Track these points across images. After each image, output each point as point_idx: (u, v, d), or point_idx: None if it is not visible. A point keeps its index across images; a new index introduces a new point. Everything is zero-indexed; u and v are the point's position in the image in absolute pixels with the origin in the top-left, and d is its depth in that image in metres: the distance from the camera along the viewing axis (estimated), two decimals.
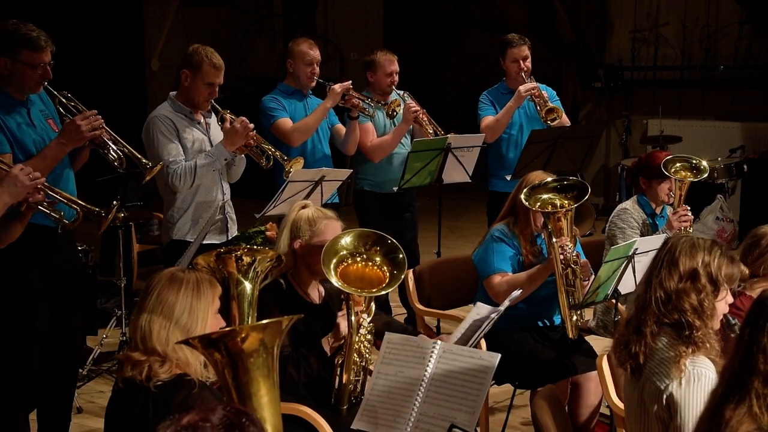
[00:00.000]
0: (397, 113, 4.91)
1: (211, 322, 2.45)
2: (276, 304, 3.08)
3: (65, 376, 3.82)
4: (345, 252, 3.05)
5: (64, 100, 3.60)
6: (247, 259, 2.91)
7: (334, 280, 2.97)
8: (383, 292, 3.07)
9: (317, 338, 3.06)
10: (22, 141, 3.43)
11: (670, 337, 2.58)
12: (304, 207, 3.28)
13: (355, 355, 3.01)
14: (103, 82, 8.49)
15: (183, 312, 2.41)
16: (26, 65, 3.38)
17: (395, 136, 5.04)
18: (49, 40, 3.43)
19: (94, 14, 8.45)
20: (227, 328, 2.43)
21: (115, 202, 3.38)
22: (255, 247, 3.10)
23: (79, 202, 3.33)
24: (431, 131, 5.03)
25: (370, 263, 3.08)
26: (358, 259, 3.07)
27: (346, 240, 3.08)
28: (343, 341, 3.03)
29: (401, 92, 5.07)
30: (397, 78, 5.11)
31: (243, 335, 2.07)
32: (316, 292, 3.29)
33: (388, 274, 3.06)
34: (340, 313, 3.05)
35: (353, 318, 3.00)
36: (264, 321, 2.13)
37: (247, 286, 2.91)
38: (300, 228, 3.19)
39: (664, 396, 2.52)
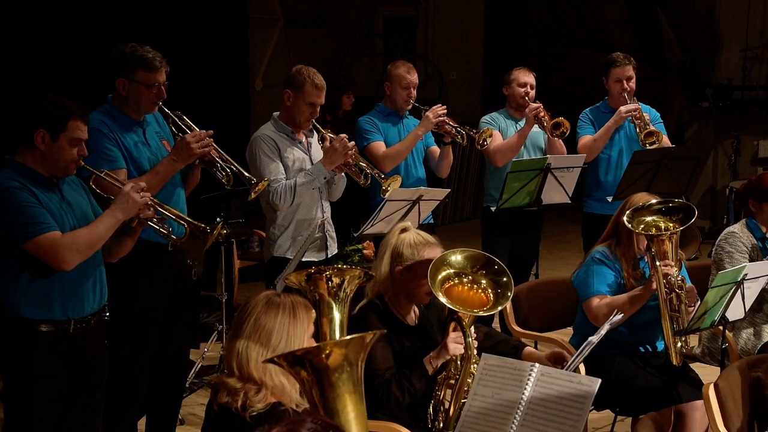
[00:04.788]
0: (487, 143, 4.85)
1: (307, 346, 2.45)
2: (378, 322, 3.08)
3: (173, 388, 3.93)
4: (451, 270, 3.03)
5: (176, 119, 3.74)
6: (336, 280, 2.90)
7: (440, 296, 2.94)
8: (489, 313, 3.03)
9: (417, 359, 3.04)
10: (138, 159, 3.59)
11: None
12: (404, 230, 3.23)
13: (468, 378, 2.96)
14: (209, 102, 8.76)
15: (281, 339, 2.43)
16: (142, 85, 3.53)
17: (519, 138, 4.99)
18: (163, 61, 3.58)
19: (202, 37, 8.74)
20: (311, 345, 2.44)
21: (219, 219, 3.47)
22: (343, 266, 3.11)
23: (187, 218, 3.44)
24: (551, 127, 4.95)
25: (475, 286, 3.04)
26: (465, 280, 3.04)
27: (457, 258, 3.05)
28: (449, 360, 3.01)
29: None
30: (531, 92, 5.09)
31: (327, 351, 2.08)
32: (412, 315, 3.26)
33: (492, 295, 3.02)
34: (451, 335, 2.99)
35: (469, 340, 2.96)
36: (347, 337, 2.14)
37: (338, 308, 2.91)
38: (402, 254, 3.15)
39: None
